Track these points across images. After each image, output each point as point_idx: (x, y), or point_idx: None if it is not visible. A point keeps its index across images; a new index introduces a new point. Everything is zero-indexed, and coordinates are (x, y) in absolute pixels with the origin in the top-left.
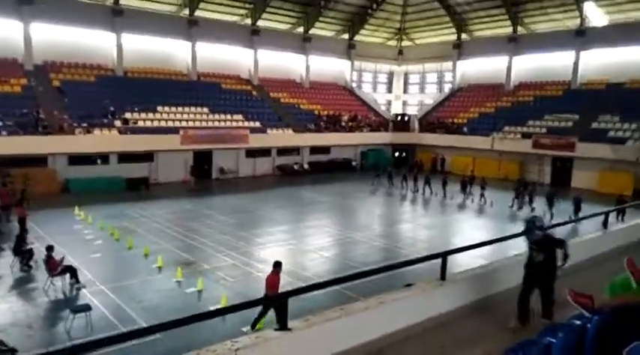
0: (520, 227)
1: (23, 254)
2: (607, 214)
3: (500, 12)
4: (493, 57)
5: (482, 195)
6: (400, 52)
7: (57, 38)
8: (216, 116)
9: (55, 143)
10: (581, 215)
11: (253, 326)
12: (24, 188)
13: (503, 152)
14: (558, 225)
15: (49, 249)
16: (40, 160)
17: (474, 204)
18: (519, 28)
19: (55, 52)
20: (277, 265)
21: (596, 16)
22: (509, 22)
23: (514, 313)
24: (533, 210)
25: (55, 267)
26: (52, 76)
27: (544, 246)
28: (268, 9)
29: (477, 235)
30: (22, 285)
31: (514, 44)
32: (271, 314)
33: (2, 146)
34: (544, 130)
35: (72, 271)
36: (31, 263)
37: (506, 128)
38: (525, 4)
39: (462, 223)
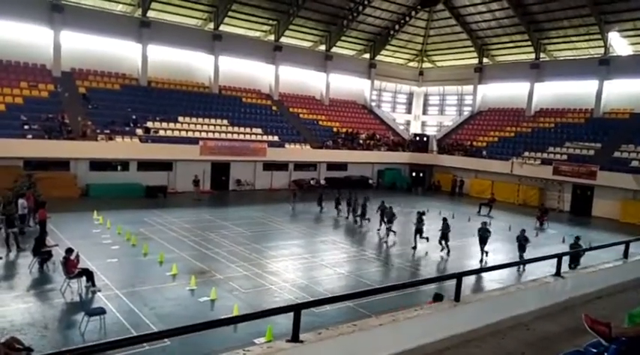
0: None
1: (42, 255)
2: (627, 244)
3: (523, 38)
4: (515, 82)
5: (389, 229)
6: (421, 73)
7: (85, 47)
8: (236, 129)
9: (78, 148)
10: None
11: None
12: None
13: (523, 177)
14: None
15: (68, 251)
16: (62, 164)
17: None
18: (542, 55)
19: (83, 59)
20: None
21: (621, 46)
22: (531, 49)
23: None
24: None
25: (72, 270)
26: (78, 83)
27: None
28: (291, 26)
29: (493, 258)
30: (39, 286)
31: (536, 70)
32: (287, 325)
33: (28, 149)
34: (564, 157)
35: (88, 274)
36: (50, 264)
37: (526, 153)
38: (549, 31)
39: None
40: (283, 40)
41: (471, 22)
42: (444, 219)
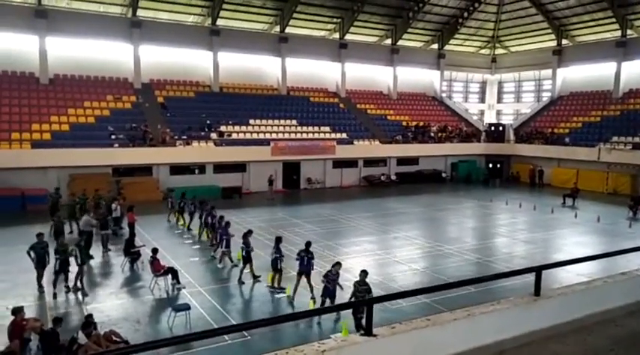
0: None
1: (132, 255)
2: None
3: (606, 15)
4: (599, 63)
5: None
6: (493, 60)
7: (161, 58)
8: (305, 128)
9: (159, 154)
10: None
11: None
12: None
13: (612, 164)
14: None
15: (155, 251)
16: (146, 170)
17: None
18: (629, 31)
19: (160, 70)
20: None
21: None
22: (616, 26)
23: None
24: None
25: (159, 268)
26: (156, 92)
27: None
28: (356, 22)
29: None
30: (131, 284)
31: (623, 49)
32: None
33: (115, 157)
34: None
35: (173, 272)
36: (139, 263)
37: (615, 138)
38: (635, 5)
39: (564, 239)
40: (348, 36)
41: (547, 2)
42: (277, 240)
